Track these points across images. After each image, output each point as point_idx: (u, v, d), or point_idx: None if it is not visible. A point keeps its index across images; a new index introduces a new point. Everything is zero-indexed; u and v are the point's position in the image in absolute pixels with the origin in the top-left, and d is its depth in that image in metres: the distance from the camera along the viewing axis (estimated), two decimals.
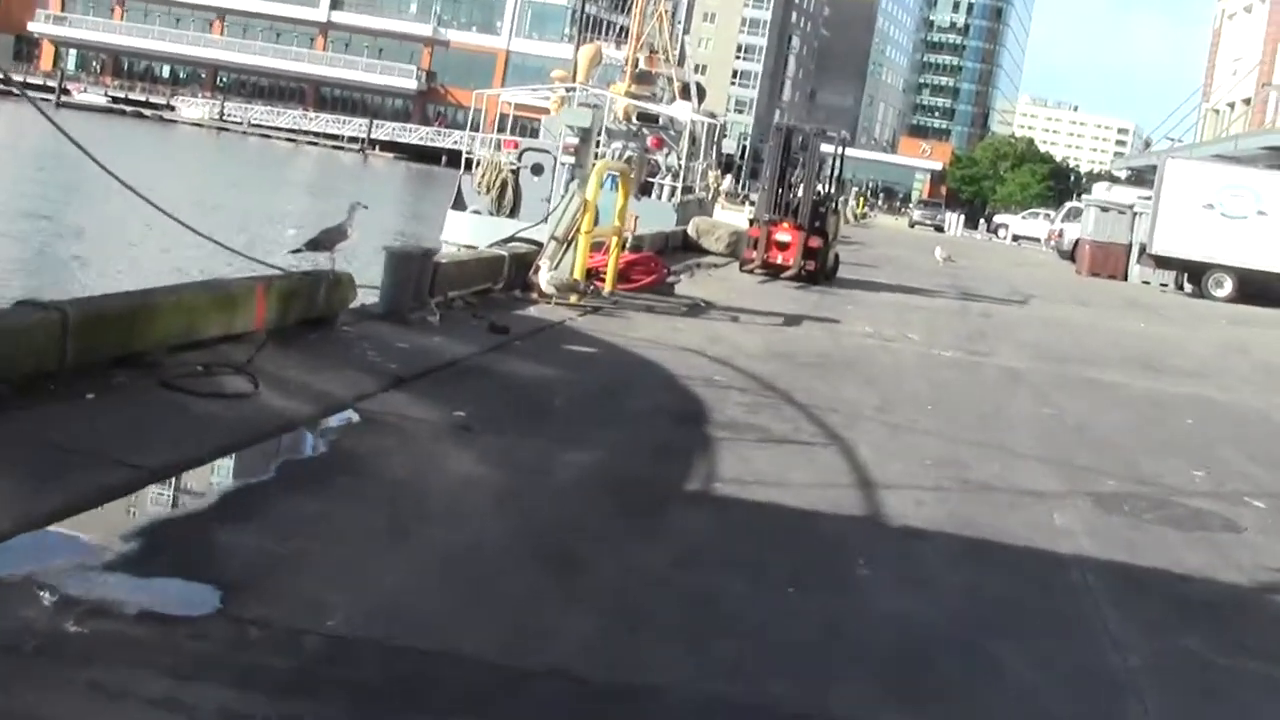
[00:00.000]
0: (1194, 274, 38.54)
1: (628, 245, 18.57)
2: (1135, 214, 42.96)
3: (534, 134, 39.18)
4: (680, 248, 27.66)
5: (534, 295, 15.38)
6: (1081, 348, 20.26)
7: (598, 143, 35.97)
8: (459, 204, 35.13)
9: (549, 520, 6.88)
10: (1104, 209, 44.69)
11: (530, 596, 5.71)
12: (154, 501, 6.36)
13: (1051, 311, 26.46)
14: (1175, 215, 38.45)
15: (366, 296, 12.84)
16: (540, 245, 16.33)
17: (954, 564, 7.11)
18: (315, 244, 11.65)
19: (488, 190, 33.72)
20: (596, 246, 17.44)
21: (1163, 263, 39.50)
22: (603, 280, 17.12)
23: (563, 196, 16.54)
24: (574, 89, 37.57)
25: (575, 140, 17.64)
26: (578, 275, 15.59)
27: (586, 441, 8.73)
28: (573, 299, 15.39)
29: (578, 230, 15.68)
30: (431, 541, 6.22)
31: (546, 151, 32.10)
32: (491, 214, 32.35)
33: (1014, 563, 7.32)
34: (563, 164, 20.04)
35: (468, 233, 30.97)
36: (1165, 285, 40.17)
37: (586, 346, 12.75)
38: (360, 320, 11.80)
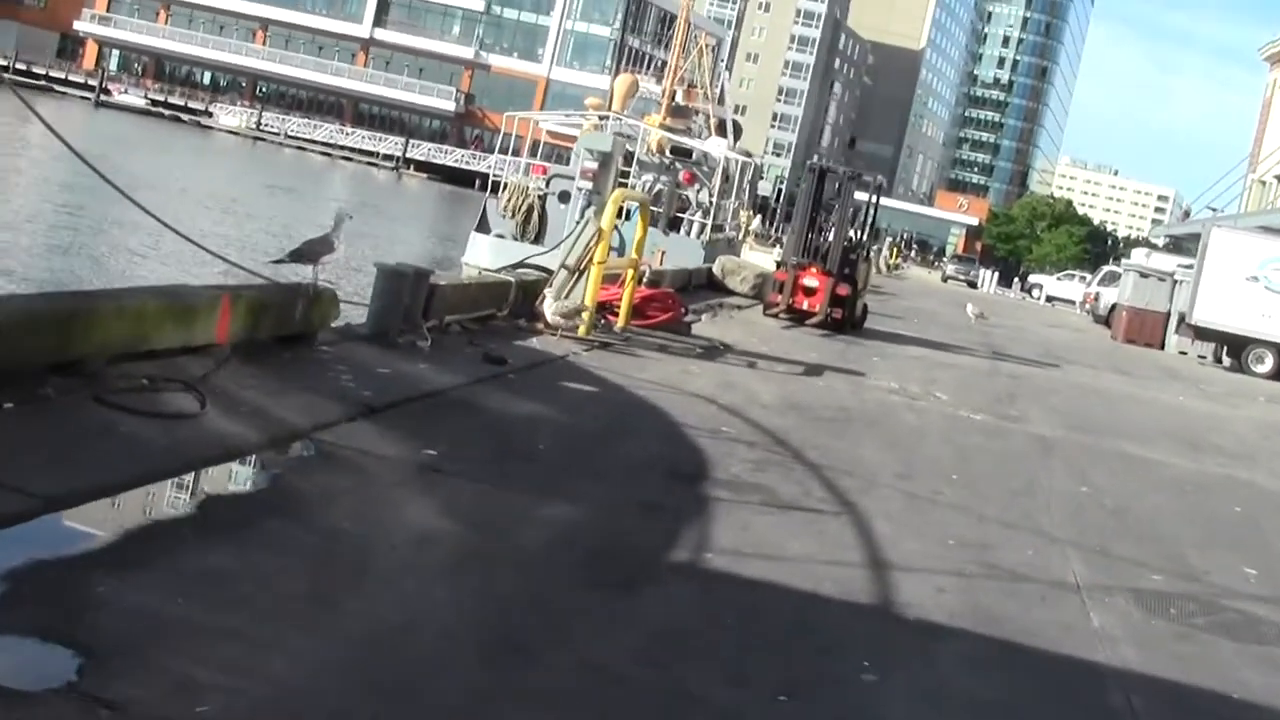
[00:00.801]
0: (1234, 347, 37.39)
1: (645, 279, 17.62)
2: (1175, 282, 41.91)
3: (566, 161, 38.36)
4: (704, 286, 26.71)
5: (539, 326, 14.43)
6: (1118, 419, 19.22)
7: (626, 173, 35.27)
8: (483, 226, 34.34)
9: (507, 593, 5.88)
10: (1143, 275, 43.61)
11: (463, 699, 4.70)
12: (36, 538, 5.37)
13: (1086, 377, 25.42)
14: (1217, 286, 37.31)
15: (358, 315, 11.93)
16: (551, 273, 15.40)
17: (977, 673, 6.11)
18: (299, 255, 10.71)
19: (513, 215, 32.92)
20: (613, 279, 16.55)
21: (1202, 334, 38.38)
22: (616, 315, 16.19)
23: (577, 223, 15.58)
24: (607, 117, 36.71)
25: (594, 165, 16.77)
26: (588, 306, 14.63)
27: (568, 494, 7.75)
28: (580, 332, 14.43)
29: (590, 260, 14.72)
30: (358, 615, 5.21)
31: (571, 177, 31.29)
32: (515, 239, 31.53)
33: (1046, 674, 6.32)
34: (579, 189, 19.12)
35: (489, 256, 30.16)
36: (1204, 357, 39.08)
37: (587, 385, 11.77)
38: (343, 340, 10.86)
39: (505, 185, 34.54)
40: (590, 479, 8.26)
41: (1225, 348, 38.03)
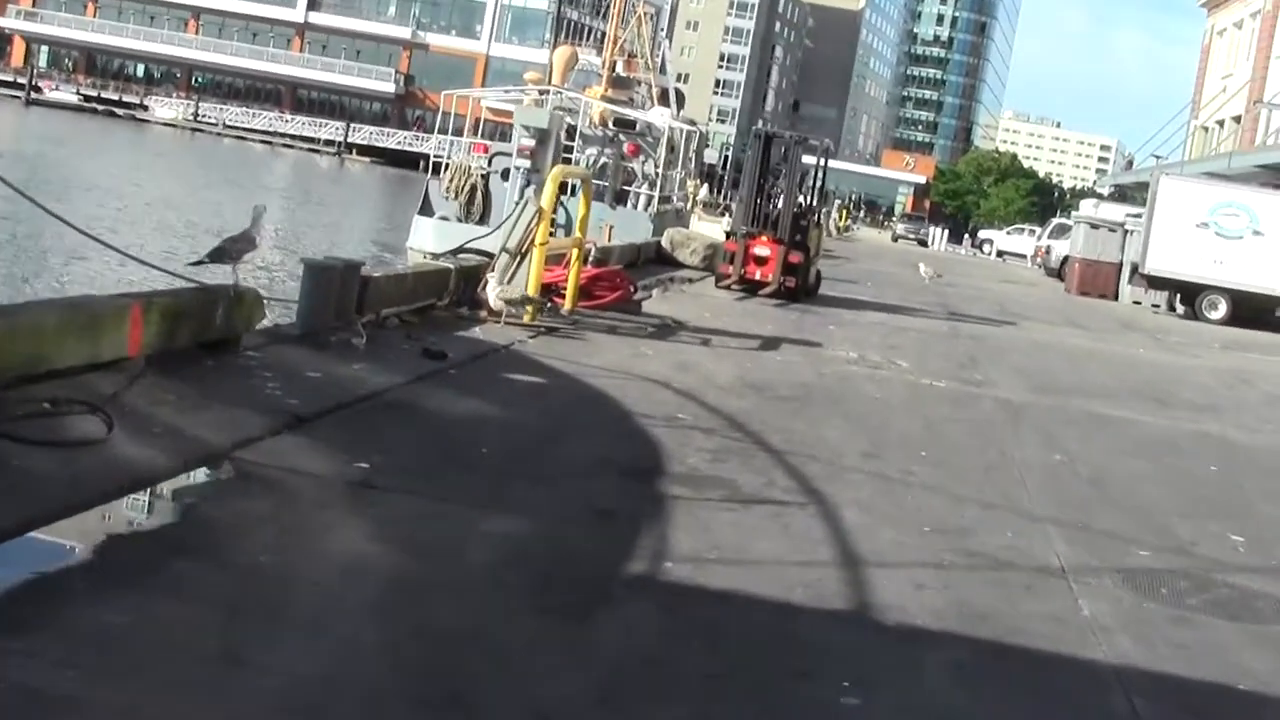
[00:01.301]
0: (1187, 295, 37.17)
1: (591, 258, 17.02)
2: (1126, 232, 41.60)
3: (508, 139, 37.66)
4: (654, 260, 26.14)
5: (483, 314, 13.81)
6: (1081, 376, 18.77)
7: (569, 148, 34.59)
8: (426, 209, 33.69)
9: (446, 628, 5.28)
10: (1094, 226, 43.32)
11: None
12: None
13: (1045, 334, 24.98)
14: (1168, 234, 37.04)
15: (290, 315, 11.32)
16: (493, 257, 14.78)
17: (967, 685, 5.56)
18: (219, 254, 10.05)
19: (456, 195, 32.24)
20: (558, 260, 15.95)
21: (1155, 283, 38.18)
22: (562, 297, 15.59)
23: (517, 204, 14.92)
24: (547, 91, 36.03)
25: (531, 142, 16.05)
26: (531, 291, 14.01)
27: (514, 505, 7.17)
28: (525, 318, 13.83)
29: (532, 242, 14.11)
30: (272, 672, 4.58)
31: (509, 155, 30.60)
32: (460, 220, 30.87)
33: (1041, 680, 5.79)
34: (517, 168, 18.44)
35: (434, 240, 29.49)
36: (1157, 306, 38.86)
37: (533, 375, 11.16)
38: (271, 344, 10.24)
39: (447, 166, 33.86)
40: (538, 484, 7.67)
41: (1179, 295, 37.87)
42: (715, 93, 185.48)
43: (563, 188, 14.96)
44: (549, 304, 15.16)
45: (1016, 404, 14.26)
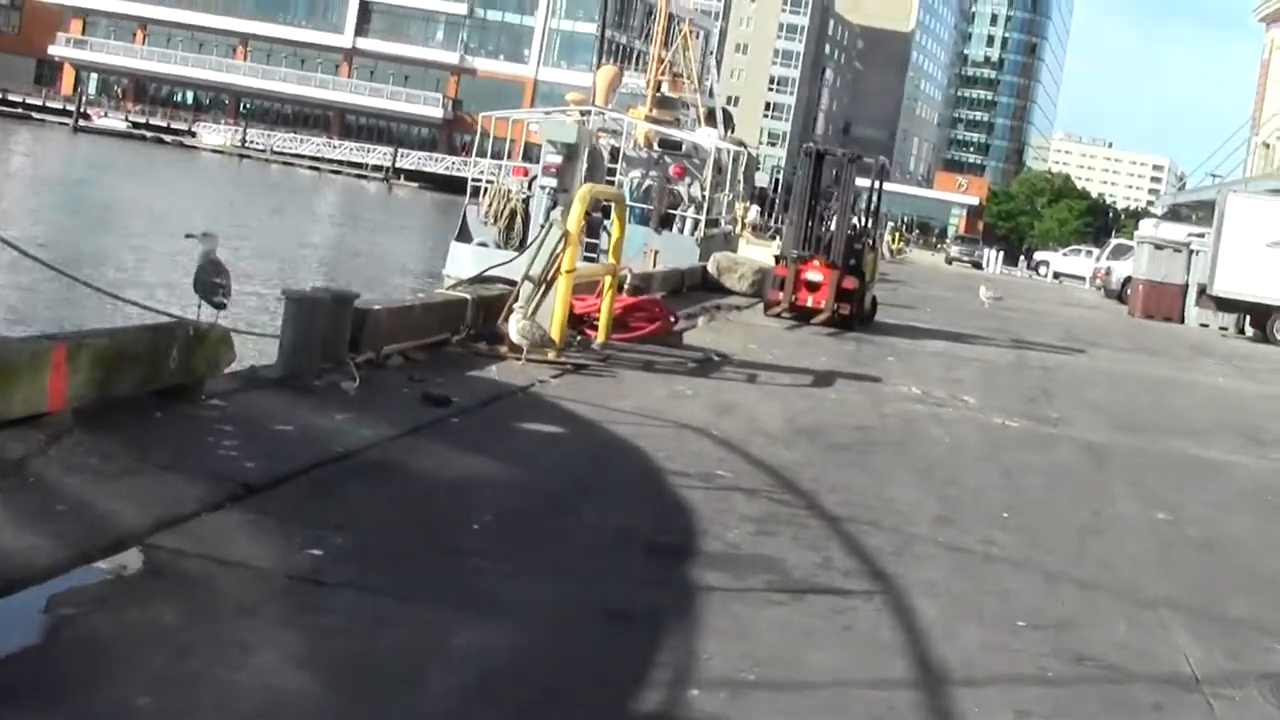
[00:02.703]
0: (1258, 317, 35.44)
1: (626, 286, 15.55)
2: (1192, 252, 39.86)
3: None
4: (699, 286, 24.63)
5: (503, 349, 12.33)
6: (1163, 410, 17.19)
7: (613, 169, 33.23)
8: (464, 235, 32.40)
9: None
10: (1158, 247, 41.48)
11: None
12: None
13: (1116, 362, 23.36)
14: (1237, 254, 35.29)
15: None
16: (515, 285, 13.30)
17: None
18: (211, 290, 8.65)
19: (495, 220, 30.88)
20: (591, 288, 14.51)
21: (1224, 304, 36.40)
22: (594, 329, 14.14)
23: (541, 226, 13.44)
24: (589, 111, 34.66)
25: (558, 159, 14.52)
26: (556, 324, 12.52)
27: (500, 603, 5.66)
28: (550, 355, 12.36)
29: (558, 269, 12.63)
30: None
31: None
32: (499, 246, 29.45)
33: None
34: (542, 188, 16.93)
35: (471, 266, 28.12)
36: (1225, 329, 37.13)
37: (551, 424, 9.65)
38: (243, 389, 8.80)
39: (485, 190, 32.59)
40: (537, 572, 6.17)
41: (1249, 318, 36.17)
42: (765, 116, 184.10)
43: (606, 211, 13.48)
44: (578, 337, 13.73)
45: (1100, 446, 12.67)
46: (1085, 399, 16.96)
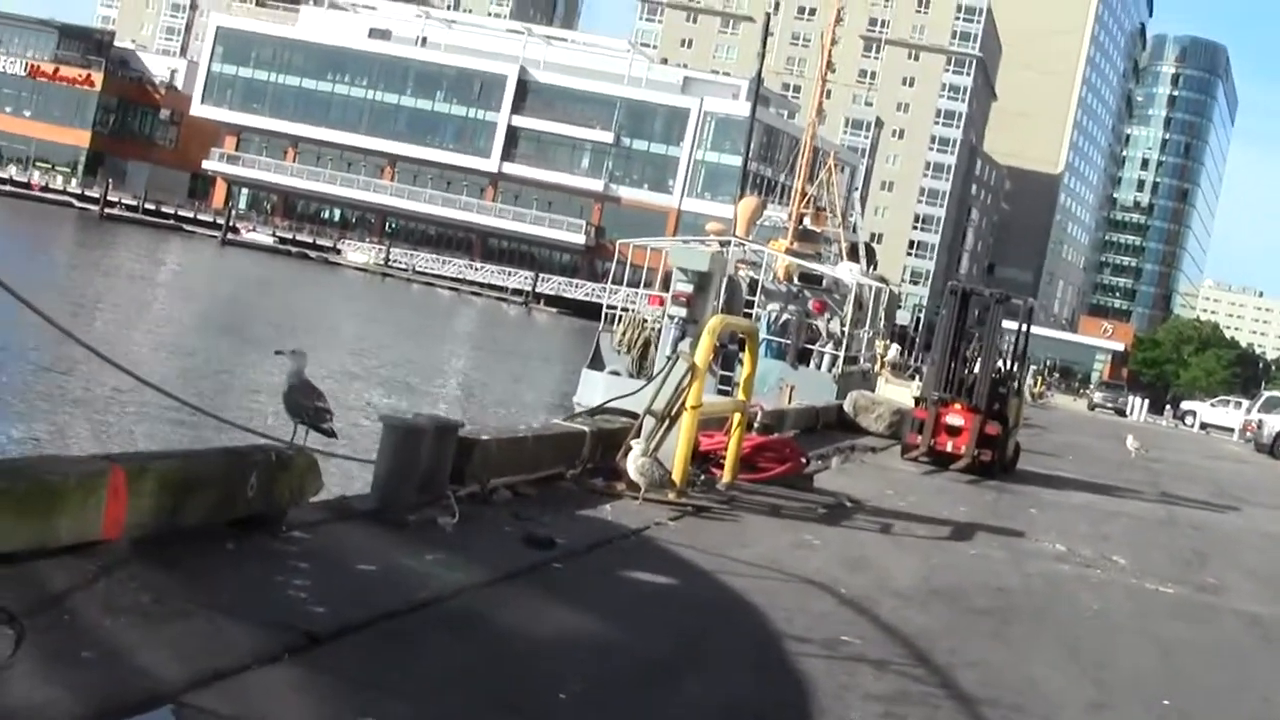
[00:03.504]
0: None
1: (756, 424, 14.76)
2: None
3: None
4: (835, 425, 23.76)
5: (620, 487, 11.58)
6: None
7: (751, 302, 32.55)
8: (596, 363, 31.80)
9: None
10: None
11: None
12: None
13: (1272, 522, 22.10)
14: None
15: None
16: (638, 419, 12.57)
17: None
18: (293, 409, 8.06)
19: (628, 350, 30.26)
20: (720, 424, 13.75)
21: None
22: (721, 468, 13.35)
23: (668, 358, 12.71)
24: (728, 241, 34.07)
25: (689, 288, 13.78)
26: (678, 462, 11.73)
27: None
28: (670, 495, 11.57)
29: (683, 404, 11.88)
30: None
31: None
32: (631, 375, 28.80)
33: None
34: (671, 317, 16.18)
35: (602, 395, 27.51)
36: None
37: (662, 574, 8.83)
38: (332, 520, 8.12)
39: (620, 318, 32.07)
40: None
41: None
42: (909, 254, 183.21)
43: (741, 343, 12.68)
44: (702, 476, 12.95)
45: (1265, 620, 11.59)
46: (1242, 563, 15.82)
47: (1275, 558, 17.06)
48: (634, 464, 11.30)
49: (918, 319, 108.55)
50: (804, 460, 14.87)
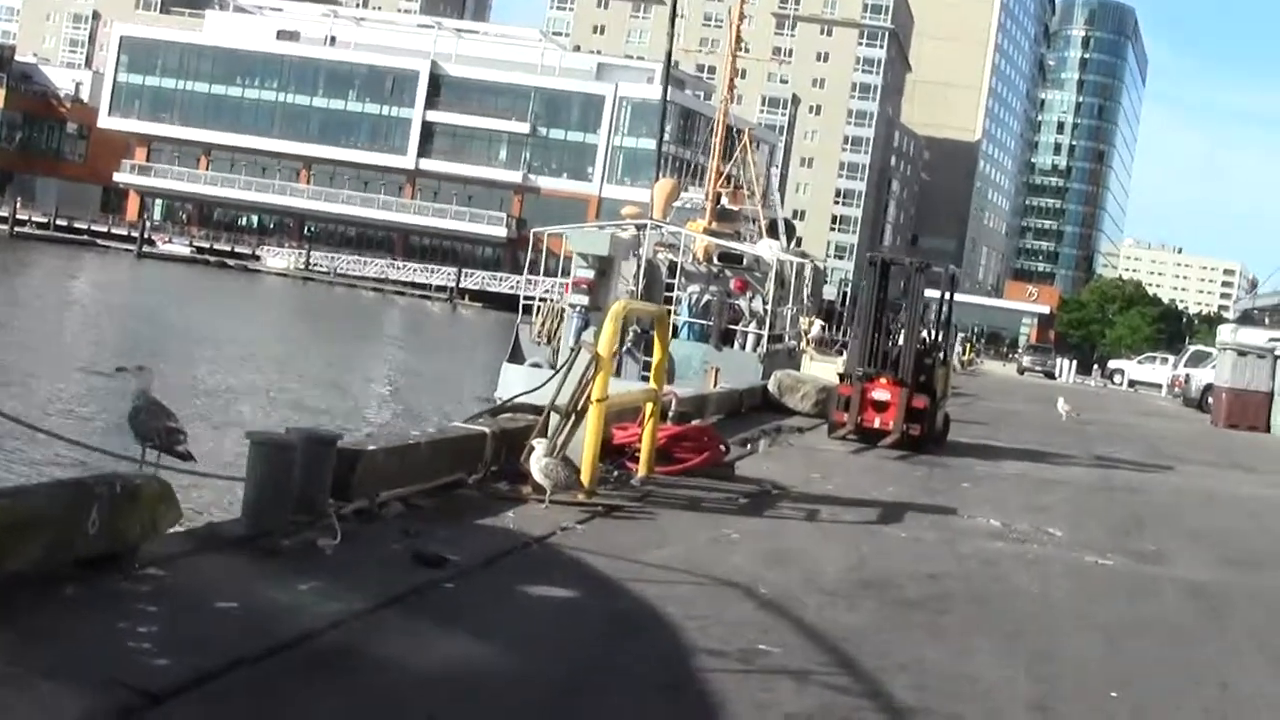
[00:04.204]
0: None
1: (671, 413, 14.09)
2: (1277, 358, 38.06)
3: None
4: (760, 407, 23.14)
5: (526, 490, 10.85)
6: (1272, 538, 15.55)
7: (671, 285, 31.91)
8: (516, 356, 31.10)
9: None
10: (1241, 353, 39.58)
11: None
12: None
13: (1209, 480, 21.67)
14: None
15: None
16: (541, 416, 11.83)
17: None
18: (139, 434, 7.32)
19: (548, 340, 29.58)
20: (635, 415, 13.07)
21: None
22: (636, 461, 12.68)
23: (572, 349, 11.99)
24: (644, 225, 33.41)
25: (589, 274, 13.03)
26: (586, 460, 11.02)
27: None
28: (580, 496, 10.86)
29: (589, 398, 11.17)
30: None
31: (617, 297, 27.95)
32: (553, 366, 28.06)
33: None
34: (572, 305, 15.43)
35: (523, 388, 26.76)
36: None
37: (565, 586, 8.11)
38: (195, 553, 7.36)
39: (537, 309, 31.39)
40: None
41: None
42: (833, 229, 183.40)
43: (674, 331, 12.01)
44: (615, 472, 12.27)
45: (1211, 590, 11.01)
46: (1183, 526, 15.33)
47: (1214, 519, 16.53)
48: (537, 465, 10.58)
49: (844, 294, 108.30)
50: (724, 448, 14.20)
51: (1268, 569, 12.66)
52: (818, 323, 43.16)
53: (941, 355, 21.21)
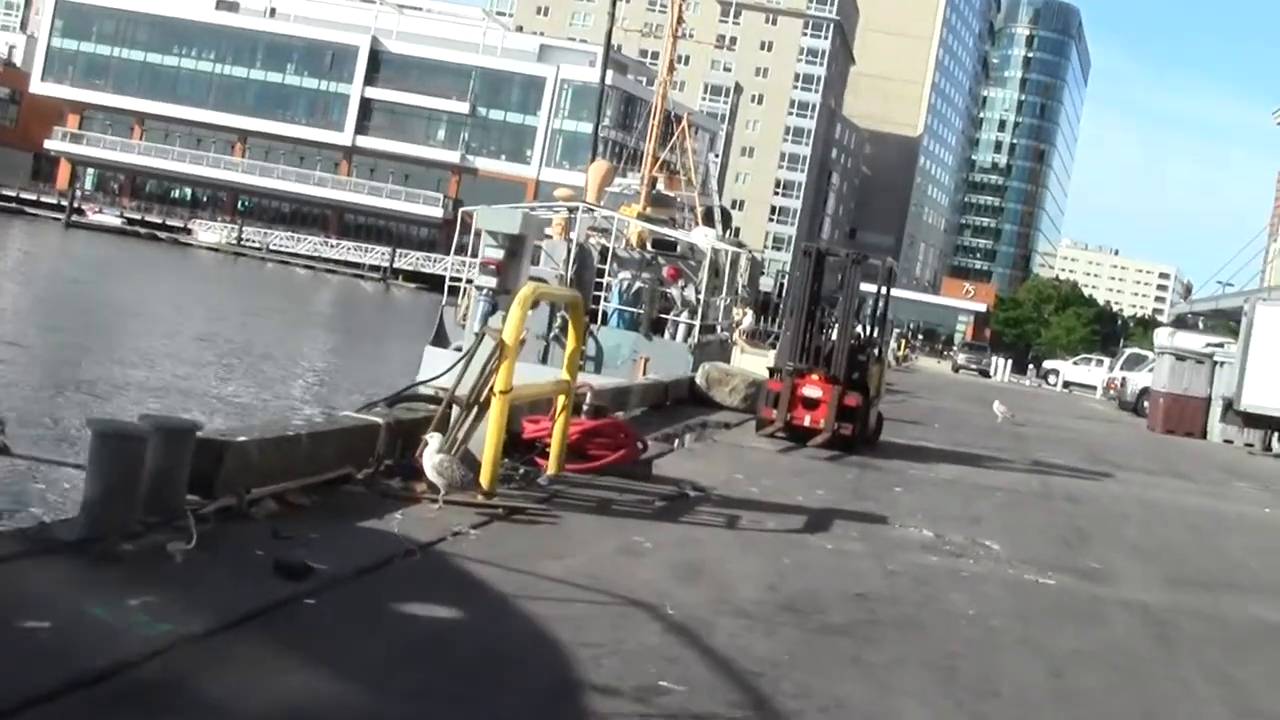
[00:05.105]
0: None
1: (585, 407, 13.19)
2: (1215, 363, 37.56)
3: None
4: (688, 400, 22.28)
5: (421, 488, 9.91)
6: (1219, 556, 14.83)
7: (603, 271, 30.97)
8: (440, 339, 30.12)
9: None
10: (1179, 358, 39.11)
11: None
12: None
13: (1148, 488, 21.02)
14: (1267, 366, 32.96)
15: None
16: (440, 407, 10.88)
17: None
18: None
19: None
20: (548, 408, 12.17)
21: (1252, 420, 34.07)
22: (546, 457, 11.77)
23: (475, 335, 11.05)
24: (577, 208, 32.48)
25: (498, 254, 12.04)
26: (488, 456, 10.08)
27: None
28: (478, 495, 9.94)
29: (492, 389, 10.23)
30: None
31: (543, 280, 26.95)
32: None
33: None
34: (479, 288, 14.45)
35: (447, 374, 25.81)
36: (1251, 446, 34.81)
37: (446, 605, 7.15)
38: (20, 555, 6.41)
39: (464, 291, 30.40)
40: None
41: (1276, 434, 33.93)
42: (771, 219, 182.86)
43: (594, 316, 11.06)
44: (521, 470, 11.37)
45: (1158, 613, 10.23)
46: (1125, 540, 14.61)
47: (1156, 532, 15.82)
48: (430, 461, 9.64)
49: (781, 285, 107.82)
50: (642, 444, 13.30)
51: (1210, 590, 11.89)
52: (749, 314, 42.36)
53: (876, 351, 20.41)
